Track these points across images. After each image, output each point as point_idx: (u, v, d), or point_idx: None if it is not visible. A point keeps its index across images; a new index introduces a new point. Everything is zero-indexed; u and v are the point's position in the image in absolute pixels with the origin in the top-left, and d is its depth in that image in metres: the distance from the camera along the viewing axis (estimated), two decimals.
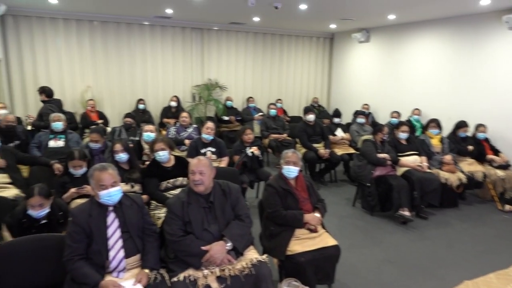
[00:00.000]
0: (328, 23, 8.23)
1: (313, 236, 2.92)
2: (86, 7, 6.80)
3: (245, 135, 4.83)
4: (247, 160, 4.61)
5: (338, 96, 10.04)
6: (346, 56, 9.64)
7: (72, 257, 2.24)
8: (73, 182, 3.33)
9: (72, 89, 7.64)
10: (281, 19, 7.72)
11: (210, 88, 8.49)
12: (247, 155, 4.63)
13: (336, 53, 10.02)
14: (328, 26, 8.62)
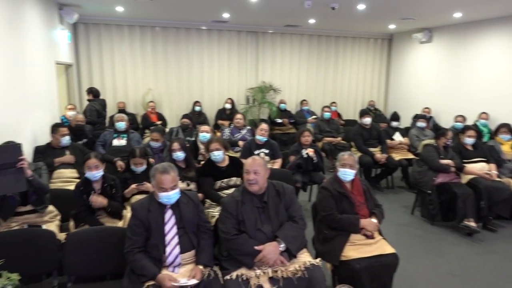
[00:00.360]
0: (387, 23, 7.94)
1: (370, 243, 2.80)
2: (149, 13, 7.16)
3: (302, 137, 4.81)
4: (302, 161, 4.56)
5: (396, 99, 9.64)
6: (405, 57, 9.23)
7: (132, 249, 2.34)
8: (134, 178, 3.50)
9: (134, 91, 8.08)
10: (338, 21, 7.58)
11: (264, 90, 8.54)
12: (302, 157, 4.58)
13: (394, 54, 9.64)
14: (387, 26, 8.31)
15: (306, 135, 4.81)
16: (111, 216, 3.13)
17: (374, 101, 9.26)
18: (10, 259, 1.81)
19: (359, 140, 5.74)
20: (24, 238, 2.55)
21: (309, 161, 4.62)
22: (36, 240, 2.56)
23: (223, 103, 8.15)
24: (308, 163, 4.62)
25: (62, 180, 3.84)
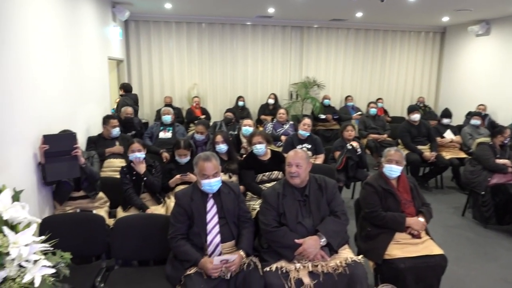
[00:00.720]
0: (440, 15, 7.54)
1: (416, 242, 2.68)
2: (196, 10, 7.31)
3: (346, 132, 4.72)
4: (351, 154, 4.47)
5: (448, 95, 9.14)
6: (459, 51, 8.72)
7: (175, 235, 2.41)
8: (178, 169, 3.60)
9: (180, 86, 8.30)
10: (386, 14, 7.31)
11: (307, 86, 8.44)
12: (348, 149, 4.49)
13: (447, 48, 9.14)
14: (440, 19, 7.90)
15: (349, 130, 4.72)
16: (152, 195, 3.39)
17: (424, 98, 8.84)
18: (64, 239, 1.92)
19: (407, 137, 5.52)
20: (76, 221, 2.71)
21: (354, 153, 4.52)
22: (87, 223, 2.71)
23: (266, 98, 8.16)
24: (354, 155, 4.51)
25: (112, 169, 4.03)
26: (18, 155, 2.66)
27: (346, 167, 4.50)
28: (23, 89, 2.77)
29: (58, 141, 2.96)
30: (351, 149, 4.52)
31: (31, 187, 2.82)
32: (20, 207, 1.66)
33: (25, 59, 2.82)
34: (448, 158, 5.42)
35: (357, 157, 4.53)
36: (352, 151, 4.52)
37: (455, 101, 8.73)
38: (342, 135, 4.75)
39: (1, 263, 1.55)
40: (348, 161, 4.49)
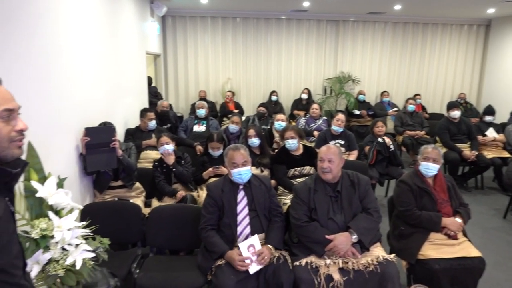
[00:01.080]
0: (485, 7, 7.16)
1: (452, 243, 2.60)
2: (231, 4, 7.36)
3: (376, 128, 4.61)
4: (381, 148, 4.38)
5: (492, 92, 8.70)
6: (505, 45, 8.26)
7: (205, 226, 2.47)
8: (211, 162, 3.67)
9: (215, 80, 8.41)
10: (427, 6, 7.04)
11: (342, 81, 8.30)
12: (378, 143, 4.41)
13: (492, 42, 8.68)
14: (485, 11, 7.51)
15: (379, 125, 4.62)
16: (183, 185, 3.54)
17: (465, 94, 8.47)
18: (103, 226, 2.02)
19: (446, 134, 5.32)
20: (115, 209, 2.83)
21: (384, 147, 4.41)
22: (125, 212, 2.82)
23: (299, 93, 8.11)
24: (384, 149, 4.41)
25: (148, 160, 4.16)
26: (63, 145, 2.81)
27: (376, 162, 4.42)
28: (68, 84, 2.91)
29: (98, 133, 3.10)
30: (382, 143, 4.42)
31: (73, 175, 2.96)
32: (64, 194, 1.76)
33: (69, 55, 2.95)
34: (490, 158, 5.17)
35: (387, 152, 4.42)
36: (383, 145, 4.42)
37: (499, 97, 8.30)
38: (372, 131, 4.66)
39: (46, 245, 1.66)
40: (377, 155, 4.40)
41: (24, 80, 2.23)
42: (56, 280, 1.66)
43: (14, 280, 1.13)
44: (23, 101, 2.17)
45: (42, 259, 1.65)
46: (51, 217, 1.67)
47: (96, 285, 1.91)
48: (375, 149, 4.39)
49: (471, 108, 8.02)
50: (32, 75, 2.34)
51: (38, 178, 1.75)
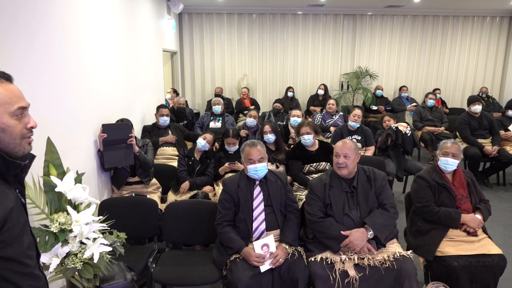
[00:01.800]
0: None
1: (471, 240, 2.54)
2: (247, 1, 7.33)
3: (383, 122, 4.74)
4: (392, 133, 4.35)
5: None
6: None
7: (221, 222, 2.48)
8: (227, 158, 3.69)
9: (231, 77, 8.43)
10: None
11: (359, 76, 8.20)
12: (390, 128, 4.41)
13: None
14: (508, 2, 7.27)
15: (386, 120, 4.73)
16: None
17: (487, 88, 8.24)
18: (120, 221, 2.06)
19: (466, 129, 5.19)
20: (132, 204, 2.88)
21: (399, 135, 4.37)
22: (142, 207, 2.86)
23: (315, 89, 8.05)
24: (398, 137, 4.36)
25: (165, 156, 4.22)
26: (82, 142, 2.87)
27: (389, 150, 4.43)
28: (87, 81, 2.97)
29: (115, 130, 3.15)
30: (394, 130, 4.42)
31: (92, 171, 3.03)
32: (82, 189, 1.80)
33: (88, 53, 3.01)
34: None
35: (399, 139, 4.38)
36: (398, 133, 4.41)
37: None
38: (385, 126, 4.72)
39: (65, 239, 1.70)
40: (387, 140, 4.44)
41: (45, 77, 2.28)
42: (75, 273, 1.70)
43: (28, 270, 1.17)
44: (43, 98, 2.23)
45: (61, 252, 1.69)
46: (69, 211, 1.71)
47: (113, 278, 1.95)
48: (386, 133, 4.40)
49: (493, 102, 7.79)
50: (53, 73, 2.39)
51: (57, 173, 1.79)
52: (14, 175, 1.17)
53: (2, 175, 1.12)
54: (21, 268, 1.15)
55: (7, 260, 1.10)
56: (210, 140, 3.64)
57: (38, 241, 1.64)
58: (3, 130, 1.11)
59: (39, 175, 1.79)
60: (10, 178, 1.15)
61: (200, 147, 3.62)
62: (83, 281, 1.70)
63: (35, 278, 1.21)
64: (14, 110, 1.12)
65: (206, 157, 3.66)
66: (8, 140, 1.12)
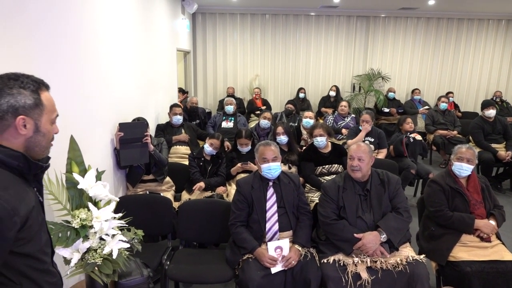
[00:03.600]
0: None
1: (485, 246, 2.54)
2: (261, 1, 7.36)
3: (406, 124, 4.64)
4: (408, 142, 4.37)
5: None
6: None
7: (235, 222, 2.51)
8: (239, 158, 3.72)
9: (243, 77, 8.47)
10: (463, 0, 6.80)
11: (371, 78, 8.17)
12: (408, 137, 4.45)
13: None
14: None
15: (409, 122, 4.65)
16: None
17: (501, 92, 8.14)
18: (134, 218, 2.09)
19: (479, 134, 5.15)
20: (147, 202, 2.92)
21: (417, 144, 4.40)
22: (156, 205, 2.91)
23: (327, 91, 8.04)
24: (417, 146, 4.37)
25: (178, 155, 4.26)
26: (99, 140, 2.92)
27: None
28: (104, 80, 3.02)
29: (131, 129, 3.21)
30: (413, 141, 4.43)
31: (108, 169, 3.08)
32: (102, 186, 1.84)
33: (105, 52, 3.06)
34: None
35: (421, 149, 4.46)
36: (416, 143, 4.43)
37: None
38: (400, 128, 4.67)
39: (85, 234, 1.75)
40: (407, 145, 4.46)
41: (66, 77, 2.34)
42: (94, 268, 1.75)
43: (44, 267, 1.24)
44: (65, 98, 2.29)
45: (82, 248, 1.74)
46: (90, 208, 1.75)
47: (130, 274, 1.99)
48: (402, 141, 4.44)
49: (507, 106, 7.70)
50: (73, 73, 2.45)
51: (79, 171, 1.84)
52: (34, 175, 1.23)
53: (23, 175, 1.18)
54: (38, 265, 1.21)
55: (26, 256, 1.16)
56: (217, 146, 3.62)
57: (60, 236, 1.69)
58: (44, 135, 1.20)
59: (62, 172, 1.84)
60: (30, 177, 1.22)
61: (207, 152, 3.63)
62: (103, 276, 1.74)
63: (51, 274, 1.28)
64: (53, 118, 1.24)
65: (217, 157, 3.68)
66: (45, 144, 1.22)
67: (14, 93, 1.13)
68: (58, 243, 1.67)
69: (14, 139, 1.15)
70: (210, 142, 3.60)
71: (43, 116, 1.19)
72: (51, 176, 1.76)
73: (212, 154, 3.63)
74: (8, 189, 1.08)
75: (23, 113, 1.14)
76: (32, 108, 1.16)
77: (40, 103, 1.17)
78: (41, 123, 1.19)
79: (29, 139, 1.17)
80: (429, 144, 6.27)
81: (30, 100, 1.15)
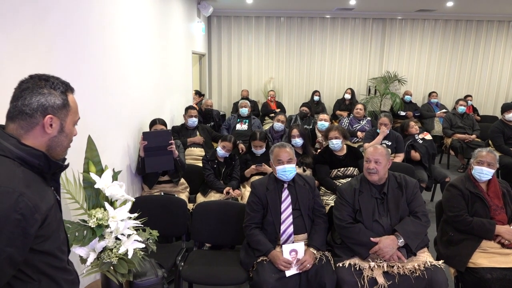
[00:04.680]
0: None
1: (506, 253, 2.46)
2: (276, 4, 7.37)
3: (410, 128, 4.64)
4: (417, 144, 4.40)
5: None
6: None
7: (249, 224, 2.50)
8: (253, 160, 3.71)
9: (257, 80, 8.47)
10: (482, 2, 6.67)
11: (387, 81, 8.07)
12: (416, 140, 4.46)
13: None
14: None
15: (413, 125, 4.65)
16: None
17: None
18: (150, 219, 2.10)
19: (499, 138, 5.03)
20: (161, 203, 2.94)
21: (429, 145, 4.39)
22: (171, 206, 2.92)
23: (342, 93, 7.98)
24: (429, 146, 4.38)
25: (192, 157, 4.28)
26: (116, 140, 2.96)
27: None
28: (122, 82, 3.06)
29: (155, 137, 3.26)
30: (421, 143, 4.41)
31: (124, 169, 3.11)
32: (118, 186, 1.85)
33: (124, 55, 3.10)
34: None
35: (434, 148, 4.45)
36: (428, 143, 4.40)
37: None
38: (405, 133, 4.64)
39: (101, 234, 1.76)
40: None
41: (85, 78, 2.37)
42: (110, 267, 1.76)
43: (62, 265, 1.26)
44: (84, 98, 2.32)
45: (98, 247, 1.75)
46: (106, 207, 1.77)
47: (145, 274, 1.99)
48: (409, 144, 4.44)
49: None
50: (93, 74, 2.48)
51: (96, 171, 1.85)
52: (52, 174, 1.26)
53: (42, 174, 1.20)
54: (56, 262, 1.22)
55: (45, 254, 1.18)
56: (229, 149, 3.61)
57: (76, 235, 1.71)
58: (67, 135, 1.24)
59: (79, 171, 1.86)
60: (48, 176, 1.24)
61: (220, 155, 3.62)
62: (118, 276, 1.75)
63: (67, 272, 1.30)
64: (76, 120, 1.28)
65: (230, 158, 3.68)
66: (66, 145, 1.26)
67: (45, 93, 1.17)
68: (74, 242, 1.68)
69: (40, 137, 1.18)
70: (222, 145, 3.59)
71: (68, 117, 1.23)
72: (68, 176, 1.78)
73: (225, 156, 3.63)
74: (30, 187, 1.11)
75: (51, 112, 1.18)
76: (60, 109, 1.20)
77: (67, 104, 1.22)
78: (66, 124, 1.23)
79: (53, 138, 1.20)
80: (447, 148, 6.16)
81: (59, 100, 1.19)
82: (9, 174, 1.08)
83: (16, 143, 1.13)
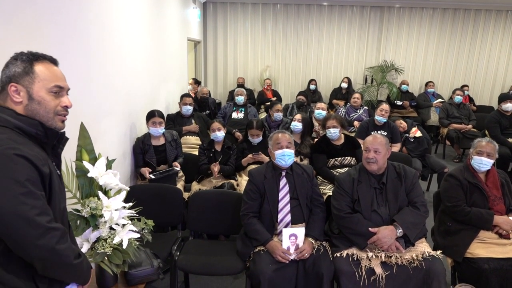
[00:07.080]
0: None
1: (504, 243, 2.45)
2: None
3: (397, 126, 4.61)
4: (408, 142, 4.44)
5: None
6: None
7: (247, 213, 2.46)
8: (250, 149, 3.66)
9: (253, 68, 8.38)
10: None
11: (384, 70, 8.02)
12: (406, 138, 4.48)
13: None
14: None
15: (400, 122, 4.62)
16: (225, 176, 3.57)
17: None
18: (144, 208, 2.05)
19: (496, 128, 5.02)
20: (157, 192, 2.89)
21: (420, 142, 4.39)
22: (166, 195, 2.87)
23: (339, 82, 7.92)
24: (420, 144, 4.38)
25: (188, 145, 4.22)
26: (109, 128, 2.89)
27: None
28: (114, 68, 2.98)
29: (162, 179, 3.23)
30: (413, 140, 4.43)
31: (118, 157, 3.05)
32: (113, 175, 1.80)
33: (116, 41, 3.02)
34: None
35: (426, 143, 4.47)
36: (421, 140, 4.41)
37: None
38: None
39: (95, 224, 1.71)
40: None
41: (76, 66, 2.30)
42: (104, 258, 1.72)
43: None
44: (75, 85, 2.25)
45: (92, 237, 1.70)
46: (100, 196, 1.72)
47: (140, 265, 1.95)
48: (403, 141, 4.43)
49: None
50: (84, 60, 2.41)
51: (89, 159, 1.80)
52: (52, 148, 1.31)
53: (42, 145, 1.26)
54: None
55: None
56: (221, 127, 3.58)
57: None
58: (39, 102, 1.24)
59: (71, 160, 1.80)
60: (49, 149, 1.29)
61: (219, 138, 3.57)
62: (112, 266, 1.71)
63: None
64: (51, 87, 1.25)
65: (227, 148, 3.63)
66: (43, 113, 1.25)
67: (9, 64, 1.23)
68: None
69: (15, 106, 1.22)
70: (216, 127, 3.55)
71: (35, 84, 1.23)
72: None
73: (223, 137, 3.58)
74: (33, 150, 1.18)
75: (14, 81, 1.22)
76: (21, 76, 1.22)
77: (30, 71, 1.22)
78: (33, 91, 1.23)
79: (26, 107, 1.23)
80: (443, 138, 6.15)
81: (19, 68, 1.22)
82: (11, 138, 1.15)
83: (12, 114, 1.20)
